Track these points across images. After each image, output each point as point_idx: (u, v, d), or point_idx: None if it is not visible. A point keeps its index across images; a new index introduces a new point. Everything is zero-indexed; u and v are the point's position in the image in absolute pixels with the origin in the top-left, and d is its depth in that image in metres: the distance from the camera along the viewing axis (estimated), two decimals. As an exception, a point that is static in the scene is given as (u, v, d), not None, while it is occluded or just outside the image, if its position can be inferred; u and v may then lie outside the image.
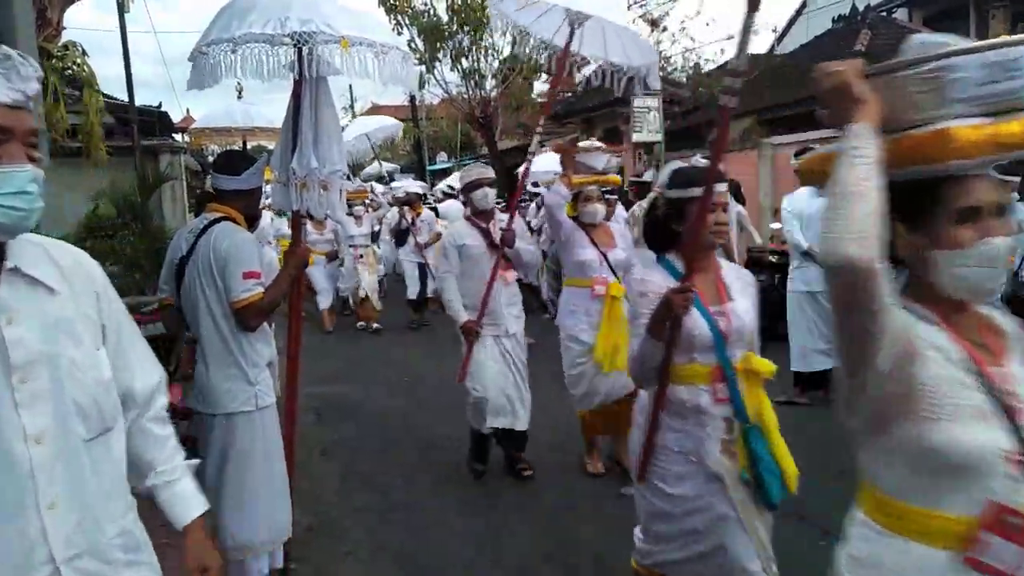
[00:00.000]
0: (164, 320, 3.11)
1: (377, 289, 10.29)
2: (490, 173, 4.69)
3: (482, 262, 4.37)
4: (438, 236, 10.51)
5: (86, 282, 1.50)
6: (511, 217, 4.47)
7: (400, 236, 10.39)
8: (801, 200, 5.80)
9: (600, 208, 4.56)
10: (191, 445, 3.91)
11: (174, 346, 2.94)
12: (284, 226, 9.48)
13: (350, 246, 9.90)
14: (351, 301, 10.56)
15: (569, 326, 4.50)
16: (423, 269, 9.92)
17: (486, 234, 4.46)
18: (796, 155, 5.98)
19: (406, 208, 10.23)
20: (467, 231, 4.51)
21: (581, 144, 4.95)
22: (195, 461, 1.73)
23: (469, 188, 4.63)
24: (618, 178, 5.42)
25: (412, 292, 10.18)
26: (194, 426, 3.13)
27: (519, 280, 4.92)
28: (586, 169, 4.71)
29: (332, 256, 9.93)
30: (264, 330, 3.02)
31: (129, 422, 1.56)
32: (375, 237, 11.35)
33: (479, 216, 4.57)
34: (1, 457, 1.30)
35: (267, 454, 2.98)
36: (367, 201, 10.43)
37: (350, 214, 9.76)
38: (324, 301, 9.97)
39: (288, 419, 3.22)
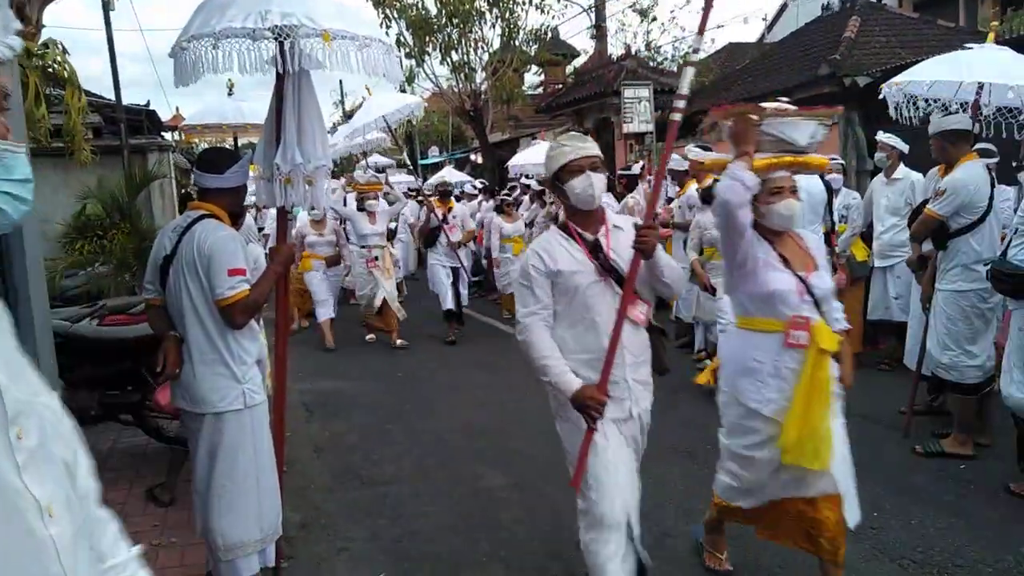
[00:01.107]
0: (150, 320, 3.08)
1: (397, 295, 8.80)
2: (594, 148, 2.85)
3: (591, 295, 2.75)
4: (472, 234, 9.83)
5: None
6: (650, 208, 3.04)
7: (429, 235, 8.90)
8: None
9: (796, 205, 2.96)
10: (183, 445, 3.92)
11: (160, 346, 2.91)
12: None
13: (363, 247, 8.34)
14: (364, 310, 8.84)
15: (747, 392, 2.95)
16: (458, 274, 8.81)
17: (595, 250, 2.78)
18: None
19: (421, 200, 9.37)
20: (562, 246, 2.79)
21: (768, 106, 3.11)
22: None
23: (562, 173, 2.78)
24: (825, 160, 3.55)
25: (446, 302, 8.65)
26: (183, 426, 3.11)
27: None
28: (776, 144, 2.99)
29: (333, 260, 8.68)
30: (251, 327, 3.00)
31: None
32: (391, 236, 10.14)
33: (581, 220, 2.83)
34: (26, 545, 0.98)
35: (257, 453, 2.97)
36: (383, 193, 8.80)
37: (362, 209, 8.35)
38: (324, 313, 8.58)
39: (276, 416, 3.20)
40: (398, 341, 8.35)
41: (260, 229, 9.92)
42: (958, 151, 4.47)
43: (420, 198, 10.69)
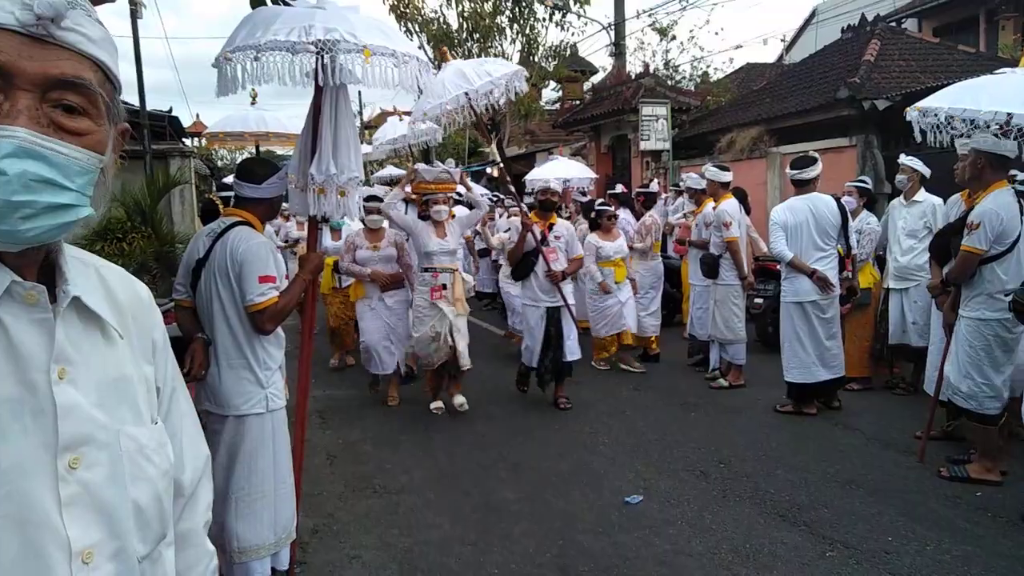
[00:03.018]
0: (179, 321, 3.14)
1: (467, 338, 5.99)
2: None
3: None
4: (580, 264, 6.51)
5: (146, 325, 1.09)
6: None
7: (523, 263, 6.20)
8: (788, 211, 5.80)
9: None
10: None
11: (187, 348, 2.97)
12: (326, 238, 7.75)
13: (425, 269, 5.89)
14: (417, 361, 6.36)
15: None
16: (558, 318, 6.20)
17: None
18: (792, 165, 5.97)
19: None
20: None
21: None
22: None
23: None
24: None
25: (532, 357, 6.23)
26: (203, 427, 3.15)
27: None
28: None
29: (393, 281, 6.27)
30: (278, 334, 3.05)
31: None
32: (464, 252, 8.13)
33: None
34: None
35: (276, 456, 3.01)
36: (457, 195, 6.53)
37: (425, 216, 6.05)
38: (387, 361, 6.29)
39: (298, 422, 3.24)
40: (458, 399, 6.08)
41: (293, 242, 8.80)
42: (995, 176, 4.36)
43: (506, 207, 9.48)
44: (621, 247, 7.31)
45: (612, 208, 7.57)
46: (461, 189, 6.21)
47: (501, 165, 6.52)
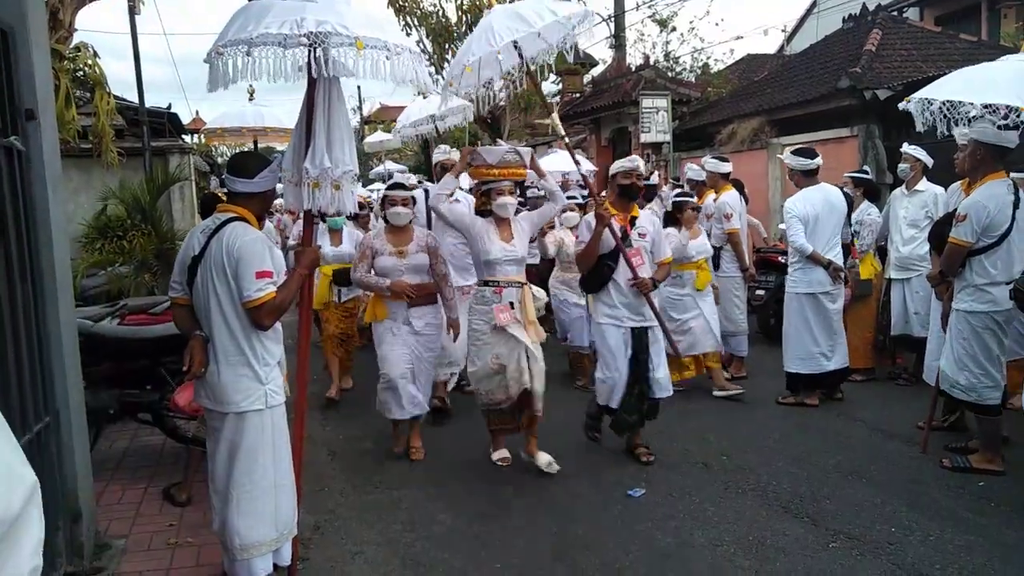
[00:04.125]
0: (175, 319, 3.13)
1: (543, 375, 4.56)
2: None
3: None
4: (668, 270, 5.15)
5: None
6: None
7: (598, 268, 4.74)
8: (805, 203, 5.73)
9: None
10: (200, 445, 3.96)
11: (185, 345, 2.96)
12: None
13: (485, 283, 4.56)
14: (482, 398, 4.69)
15: None
16: (646, 340, 4.75)
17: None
18: (797, 155, 5.90)
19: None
20: None
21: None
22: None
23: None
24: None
25: (613, 395, 4.72)
26: (202, 425, 3.15)
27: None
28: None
29: (421, 294, 4.81)
30: (276, 329, 3.04)
31: None
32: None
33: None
34: None
35: (276, 453, 3.00)
36: (530, 185, 5.79)
37: (484, 213, 4.66)
38: (414, 399, 4.88)
39: (297, 418, 3.24)
40: (543, 458, 4.61)
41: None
42: (991, 166, 4.33)
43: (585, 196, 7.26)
44: (704, 245, 6.10)
45: (692, 198, 6.29)
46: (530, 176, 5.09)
47: (567, 141, 5.07)
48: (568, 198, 6.12)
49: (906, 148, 6.25)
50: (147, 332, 4.54)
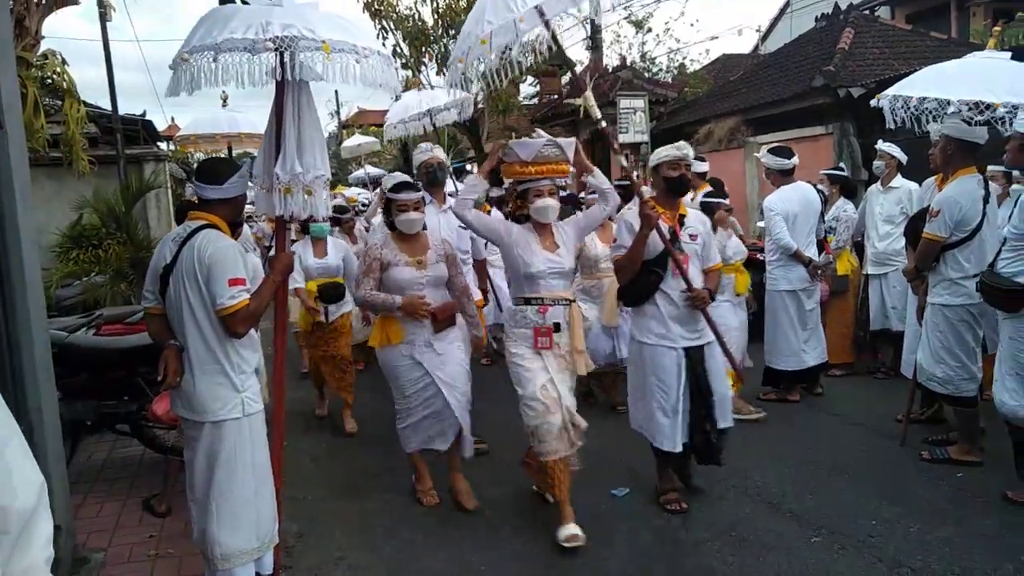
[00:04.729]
0: (149, 329, 3.09)
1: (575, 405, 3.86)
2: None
3: None
4: (719, 278, 4.45)
5: None
6: None
7: (644, 277, 4.07)
8: (785, 201, 5.79)
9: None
10: (179, 455, 3.90)
11: (160, 355, 2.92)
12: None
13: (524, 300, 3.88)
14: (537, 445, 3.79)
15: None
16: (703, 361, 4.03)
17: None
18: (774, 154, 5.96)
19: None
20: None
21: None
22: None
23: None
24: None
25: (673, 435, 4.00)
26: (181, 434, 3.11)
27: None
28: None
29: (447, 315, 4.14)
30: (251, 336, 3.01)
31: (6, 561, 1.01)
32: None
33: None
34: None
35: (255, 461, 2.97)
36: (566, 181, 5.16)
37: (520, 218, 4.04)
38: (439, 440, 4.23)
39: (276, 425, 3.21)
40: (569, 532, 3.66)
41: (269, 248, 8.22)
42: (962, 162, 4.38)
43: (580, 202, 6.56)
44: (740, 246, 5.69)
45: (727, 200, 5.69)
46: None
47: (606, 125, 4.25)
48: (591, 194, 5.34)
49: (880, 145, 6.32)
50: (123, 342, 4.47)
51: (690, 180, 4.25)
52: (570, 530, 3.65)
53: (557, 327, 3.78)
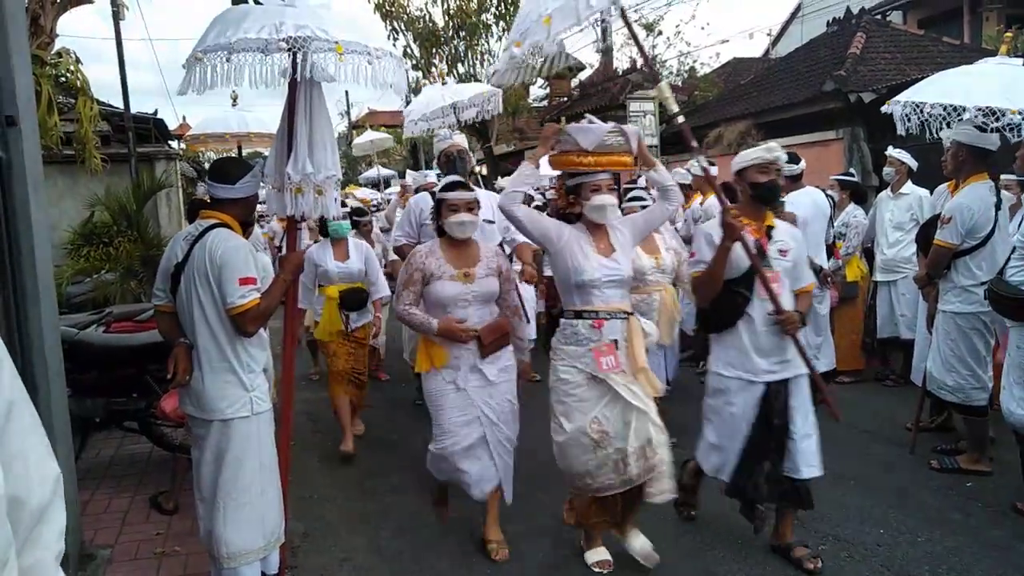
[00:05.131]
0: (159, 327, 3.10)
1: (666, 440, 3.36)
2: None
3: None
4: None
5: None
6: None
7: (729, 297, 3.50)
8: (795, 206, 5.74)
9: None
10: (186, 453, 3.92)
11: (169, 353, 2.93)
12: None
13: (576, 314, 3.35)
14: (575, 479, 3.45)
15: None
16: (784, 397, 3.47)
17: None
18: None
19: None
20: None
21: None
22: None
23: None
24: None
25: (720, 454, 3.61)
26: (188, 432, 3.12)
27: None
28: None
29: (497, 338, 3.59)
30: (260, 336, 3.02)
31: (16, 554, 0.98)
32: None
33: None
34: None
35: (262, 460, 2.98)
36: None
37: (573, 216, 3.50)
38: (475, 486, 3.66)
39: (284, 424, 3.21)
40: (638, 542, 3.51)
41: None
42: (974, 168, 4.35)
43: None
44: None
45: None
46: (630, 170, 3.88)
47: (683, 120, 3.67)
48: (632, 199, 5.03)
49: (891, 151, 6.29)
50: (133, 340, 4.50)
51: (780, 188, 3.63)
52: (640, 541, 3.46)
53: (615, 344, 3.26)
